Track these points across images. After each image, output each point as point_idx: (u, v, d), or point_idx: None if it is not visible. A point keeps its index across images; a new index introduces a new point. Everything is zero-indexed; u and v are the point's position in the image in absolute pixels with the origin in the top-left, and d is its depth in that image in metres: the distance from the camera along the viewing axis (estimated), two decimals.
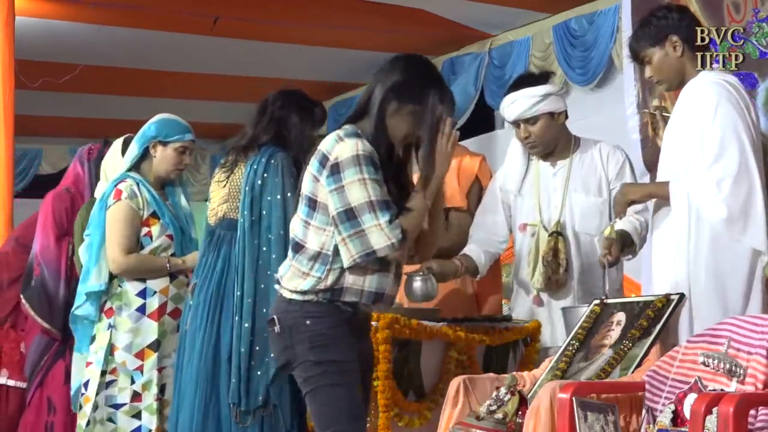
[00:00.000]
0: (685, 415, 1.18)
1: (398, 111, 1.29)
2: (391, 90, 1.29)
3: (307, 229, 1.31)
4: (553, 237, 1.73)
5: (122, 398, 1.75)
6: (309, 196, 1.30)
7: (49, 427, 2.00)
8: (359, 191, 1.25)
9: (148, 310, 1.78)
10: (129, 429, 1.74)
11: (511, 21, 2.93)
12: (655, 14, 1.49)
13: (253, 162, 1.64)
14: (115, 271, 1.78)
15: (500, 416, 1.36)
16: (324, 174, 1.28)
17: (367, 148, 1.27)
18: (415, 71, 1.31)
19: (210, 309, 1.62)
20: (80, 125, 4.02)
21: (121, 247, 1.77)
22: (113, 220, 1.78)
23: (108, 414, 1.75)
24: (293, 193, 1.60)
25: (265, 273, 1.58)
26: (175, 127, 1.86)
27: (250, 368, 1.55)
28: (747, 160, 1.41)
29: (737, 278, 1.42)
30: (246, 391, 1.55)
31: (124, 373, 1.76)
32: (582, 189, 1.75)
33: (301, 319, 1.28)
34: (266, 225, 1.59)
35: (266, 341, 1.54)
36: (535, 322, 1.73)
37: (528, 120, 1.73)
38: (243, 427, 1.56)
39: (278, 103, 1.70)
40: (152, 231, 1.80)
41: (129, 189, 1.79)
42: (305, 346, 1.27)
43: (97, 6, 2.79)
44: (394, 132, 1.30)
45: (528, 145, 1.76)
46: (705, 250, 1.42)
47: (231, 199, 1.67)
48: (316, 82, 3.57)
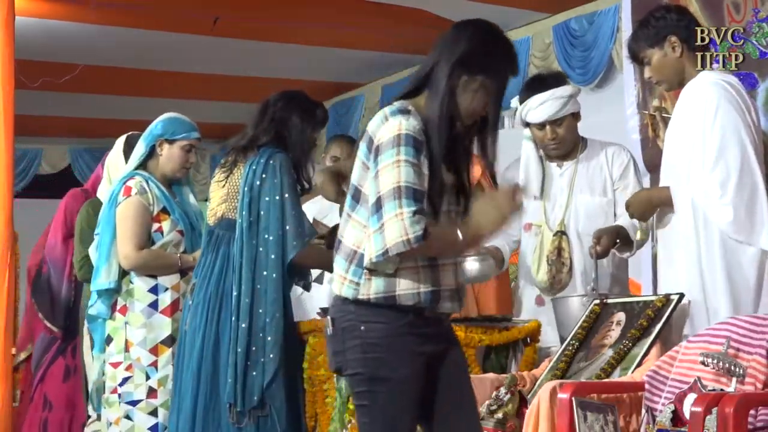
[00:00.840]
0: (685, 415, 1.18)
1: (468, 85, 1.09)
2: (460, 61, 1.08)
3: (347, 223, 1.11)
4: (557, 237, 1.73)
5: (138, 395, 1.75)
6: (355, 186, 1.11)
7: (43, 423, 2.01)
8: (390, 175, 1.05)
9: (161, 306, 1.78)
10: (146, 426, 1.74)
11: (511, 21, 2.94)
12: (653, 15, 1.49)
13: (252, 162, 1.64)
14: (127, 266, 1.77)
15: (500, 416, 1.36)
16: (370, 159, 1.08)
17: (413, 127, 1.07)
18: (485, 40, 1.10)
19: (209, 309, 1.62)
20: (80, 125, 4.02)
21: (134, 243, 1.76)
22: (124, 217, 1.77)
23: (125, 411, 1.75)
24: (292, 194, 1.59)
25: (262, 274, 1.58)
26: (181, 126, 1.86)
27: (246, 368, 1.55)
28: (749, 160, 1.41)
29: (747, 279, 1.42)
30: (242, 392, 1.54)
31: (139, 369, 1.75)
32: (587, 189, 1.75)
33: (356, 322, 1.09)
34: (264, 225, 1.59)
35: (263, 342, 1.55)
36: (535, 322, 1.73)
37: (555, 121, 1.72)
38: (238, 428, 1.55)
39: (279, 104, 1.70)
40: (163, 226, 1.80)
41: (138, 185, 1.79)
42: (357, 355, 1.09)
43: (97, 6, 2.78)
44: (461, 109, 1.09)
45: (552, 146, 1.75)
46: (717, 252, 1.42)
47: (229, 200, 1.67)
48: (316, 81, 3.57)
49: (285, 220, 1.58)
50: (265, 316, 1.58)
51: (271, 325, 1.58)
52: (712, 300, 1.42)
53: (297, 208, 1.62)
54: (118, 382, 1.76)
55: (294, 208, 1.61)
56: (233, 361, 1.56)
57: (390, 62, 3.38)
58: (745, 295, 1.41)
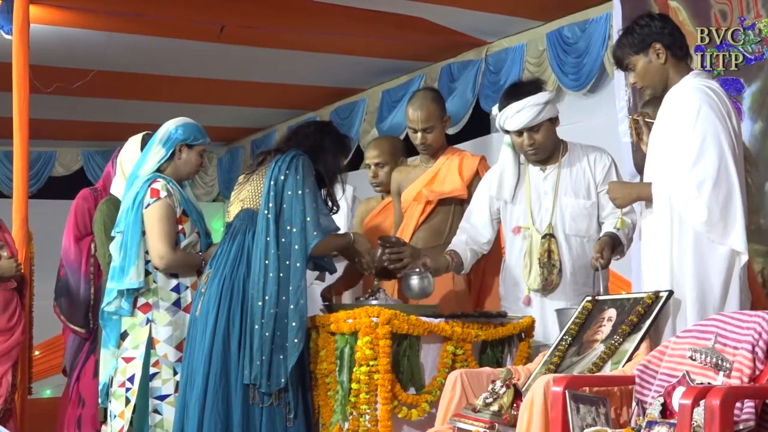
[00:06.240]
0: (674, 408, 1.21)
1: None
2: None
3: None
4: (546, 239, 1.78)
5: (167, 389, 1.80)
6: None
7: (77, 420, 2.06)
8: None
9: (183, 304, 1.84)
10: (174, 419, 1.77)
11: (506, 29, 2.97)
12: (638, 23, 1.52)
13: (278, 160, 1.72)
14: (162, 266, 1.82)
15: (496, 408, 1.40)
16: None
17: None
18: None
19: (222, 294, 1.68)
20: (92, 128, 4.07)
21: (169, 244, 1.81)
22: (156, 218, 1.81)
23: (154, 405, 1.80)
24: (312, 189, 1.68)
25: (285, 263, 1.65)
26: (199, 131, 1.93)
27: (272, 352, 1.61)
28: (726, 163, 1.44)
29: (717, 278, 1.45)
30: (268, 374, 1.61)
31: (166, 365, 1.80)
32: (572, 192, 1.80)
33: None
34: (287, 217, 1.67)
35: (286, 327, 1.61)
36: (530, 318, 1.77)
37: (532, 128, 1.76)
38: (252, 405, 1.60)
39: (312, 127, 1.81)
40: (185, 228, 1.86)
41: (165, 188, 1.84)
42: None
43: (108, 14, 2.83)
44: None
45: (530, 152, 1.79)
46: (689, 252, 1.45)
47: (252, 193, 1.73)
48: (319, 87, 3.62)
49: (306, 212, 1.66)
50: (289, 303, 1.64)
51: (295, 312, 1.64)
52: (679, 296, 1.45)
53: (317, 201, 1.70)
54: (128, 377, 1.80)
55: (314, 202, 1.69)
56: (259, 345, 1.61)
57: (390, 68, 3.44)
58: (712, 293, 1.44)
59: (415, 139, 2.02)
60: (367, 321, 1.61)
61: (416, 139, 2.01)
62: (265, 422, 1.62)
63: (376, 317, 1.61)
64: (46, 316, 2.28)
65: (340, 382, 1.64)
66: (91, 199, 2.14)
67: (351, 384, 1.61)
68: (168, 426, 1.78)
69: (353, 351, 1.62)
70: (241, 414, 1.62)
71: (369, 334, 1.60)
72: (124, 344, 1.84)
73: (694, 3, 2.14)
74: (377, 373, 1.59)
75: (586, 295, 1.59)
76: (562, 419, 1.24)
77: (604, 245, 1.68)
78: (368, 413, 1.58)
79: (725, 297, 1.46)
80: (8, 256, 2.03)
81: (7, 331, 2.02)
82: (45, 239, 2.57)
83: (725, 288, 1.45)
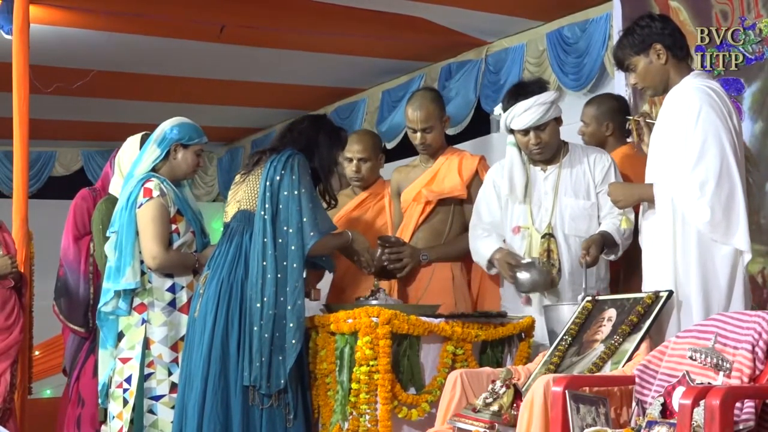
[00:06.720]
0: (674, 408, 1.22)
1: None
2: None
3: None
4: (545, 239, 1.79)
5: (161, 390, 1.79)
6: None
7: (76, 420, 2.05)
8: None
9: (179, 304, 1.83)
10: (169, 420, 1.78)
11: (506, 29, 2.97)
12: (638, 23, 1.53)
13: (273, 160, 1.72)
14: (155, 266, 1.81)
15: (496, 408, 1.40)
16: None
17: None
18: None
19: (220, 295, 1.68)
20: (92, 129, 4.07)
21: (162, 244, 1.80)
22: (149, 218, 1.81)
23: (148, 405, 1.79)
24: (308, 189, 1.67)
25: (282, 264, 1.64)
26: (194, 131, 1.91)
27: (271, 353, 1.61)
28: (728, 163, 1.45)
29: (721, 277, 1.46)
30: (267, 375, 1.61)
31: (161, 365, 1.80)
32: (572, 193, 1.81)
33: None
34: (284, 218, 1.67)
35: (284, 328, 1.61)
36: (529, 318, 1.77)
37: (539, 127, 1.77)
38: (252, 407, 1.61)
39: (306, 122, 1.80)
40: (179, 228, 1.85)
41: (158, 187, 1.83)
42: None
43: (108, 14, 2.82)
44: None
45: (536, 151, 1.80)
46: (693, 252, 1.46)
47: (248, 194, 1.73)
48: (320, 87, 3.62)
49: (302, 213, 1.66)
50: (287, 303, 1.64)
51: (293, 312, 1.64)
52: (683, 296, 1.45)
53: (314, 201, 1.70)
54: (126, 377, 1.80)
55: (311, 202, 1.68)
56: (258, 346, 1.61)
57: (390, 68, 3.44)
58: (717, 292, 1.45)
59: (414, 139, 2.03)
60: (367, 321, 1.61)
61: (416, 139, 2.02)
62: (265, 424, 1.62)
63: (376, 317, 1.62)
64: (46, 316, 2.29)
65: (340, 382, 1.64)
66: (90, 199, 2.14)
67: (351, 384, 1.62)
68: (163, 426, 1.78)
69: (353, 351, 1.62)
70: (240, 416, 1.62)
71: (369, 334, 1.60)
72: (120, 345, 1.84)
73: (694, 3, 2.15)
74: (377, 373, 1.60)
75: (586, 295, 1.60)
76: (562, 419, 1.24)
77: (591, 243, 1.69)
78: (368, 413, 1.59)
79: (730, 296, 1.46)
80: (3, 254, 2.02)
81: (5, 330, 2.02)
82: (45, 239, 2.55)
83: (730, 287, 1.46)
